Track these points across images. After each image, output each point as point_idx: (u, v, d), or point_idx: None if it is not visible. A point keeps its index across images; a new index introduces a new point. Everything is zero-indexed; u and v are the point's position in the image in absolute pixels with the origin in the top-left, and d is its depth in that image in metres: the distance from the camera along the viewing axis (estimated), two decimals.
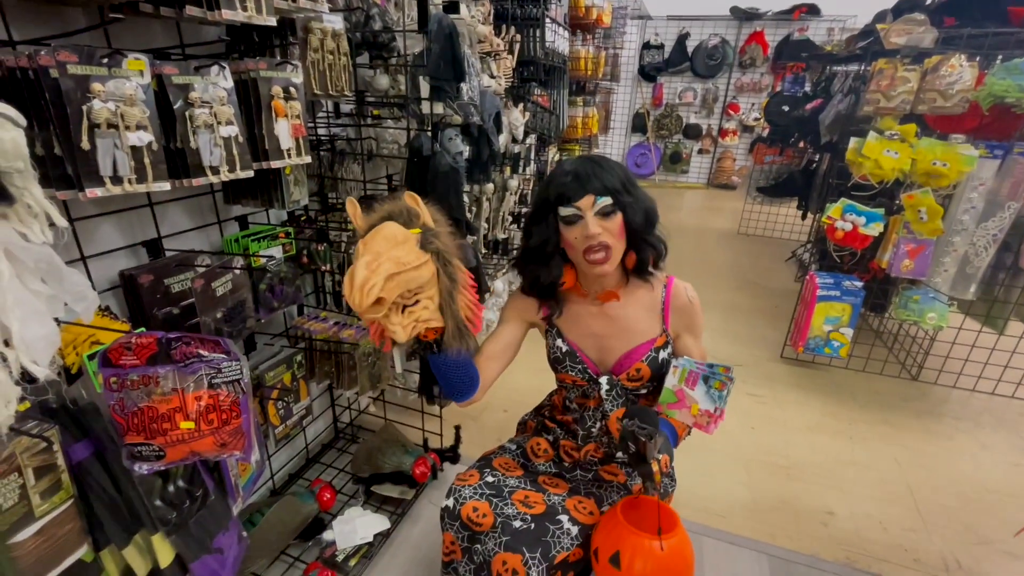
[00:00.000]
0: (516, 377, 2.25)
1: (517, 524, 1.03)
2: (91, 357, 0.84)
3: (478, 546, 1.03)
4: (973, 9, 2.10)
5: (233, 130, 0.91)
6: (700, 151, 7.03)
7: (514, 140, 2.32)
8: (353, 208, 0.86)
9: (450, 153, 1.29)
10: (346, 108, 1.66)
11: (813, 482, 1.79)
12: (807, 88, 4.39)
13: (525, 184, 2.82)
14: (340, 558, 1.35)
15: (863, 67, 3.21)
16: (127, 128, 0.74)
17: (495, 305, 2.32)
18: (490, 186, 2.27)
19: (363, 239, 0.82)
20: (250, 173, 0.96)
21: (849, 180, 2.18)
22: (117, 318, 1.00)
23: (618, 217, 1.00)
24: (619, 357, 1.13)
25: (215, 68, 0.87)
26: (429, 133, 1.30)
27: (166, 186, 0.81)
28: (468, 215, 2.02)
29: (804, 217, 4.19)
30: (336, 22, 1.19)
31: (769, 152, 4.52)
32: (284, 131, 1.01)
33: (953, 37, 1.99)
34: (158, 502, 1.00)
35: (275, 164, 1.01)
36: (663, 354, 1.11)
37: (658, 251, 1.07)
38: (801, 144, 4.24)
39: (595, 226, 0.98)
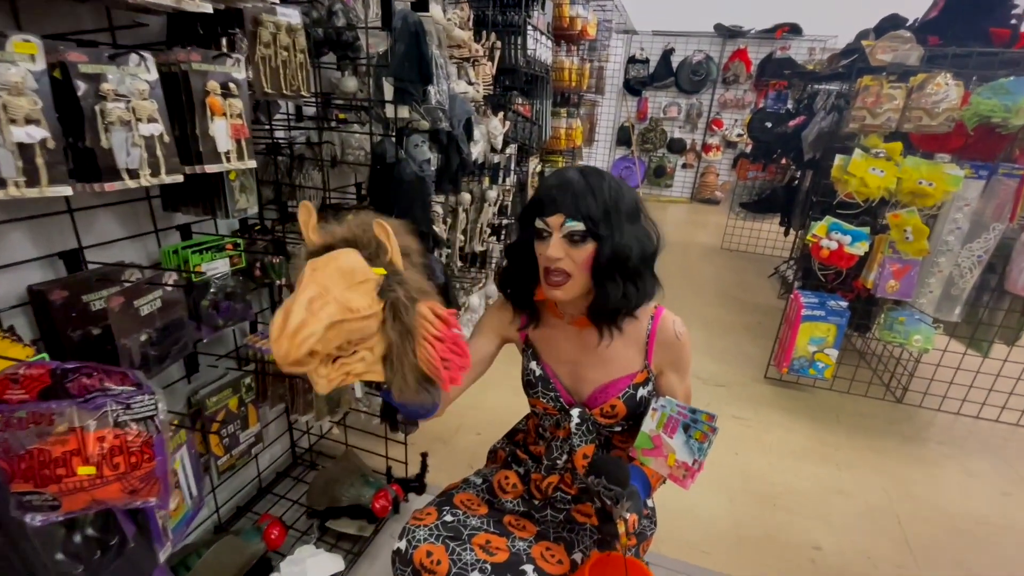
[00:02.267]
0: (491, 396, 2.16)
1: (475, 575, 0.91)
2: None
3: None
4: (956, 29, 2.08)
5: (156, 128, 0.79)
6: (684, 165, 7.05)
7: (493, 149, 2.23)
8: (307, 215, 0.66)
9: (416, 161, 1.19)
10: (312, 111, 1.55)
11: (799, 513, 1.70)
12: (790, 105, 4.40)
13: (505, 195, 2.74)
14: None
15: (847, 85, 3.22)
16: (12, 122, 0.62)
17: (470, 321, 2.21)
18: (467, 196, 2.17)
19: (312, 261, 0.62)
20: (179, 178, 0.84)
21: (834, 198, 2.13)
22: (21, 341, 0.87)
23: (588, 247, 0.89)
24: (594, 389, 1.03)
25: (134, 57, 0.76)
26: (394, 139, 1.20)
27: (66, 190, 0.69)
28: (443, 227, 1.92)
29: (787, 234, 4.18)
30: (292, 16, 1.08)
31: (752, 168, 4.52)
32: (222, 131, 0.89)
33: (938, 56, 1.96)
34: (60, 555, 0.86)
35: (210, 168, 0.89)
36: (642, 392, 1.02)
37: (610, 302, 0.91)
38: (784, 161, 4.25)
39: (558, 249, 0.88)
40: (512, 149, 2.61)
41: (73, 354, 0.93)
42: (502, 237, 2.98)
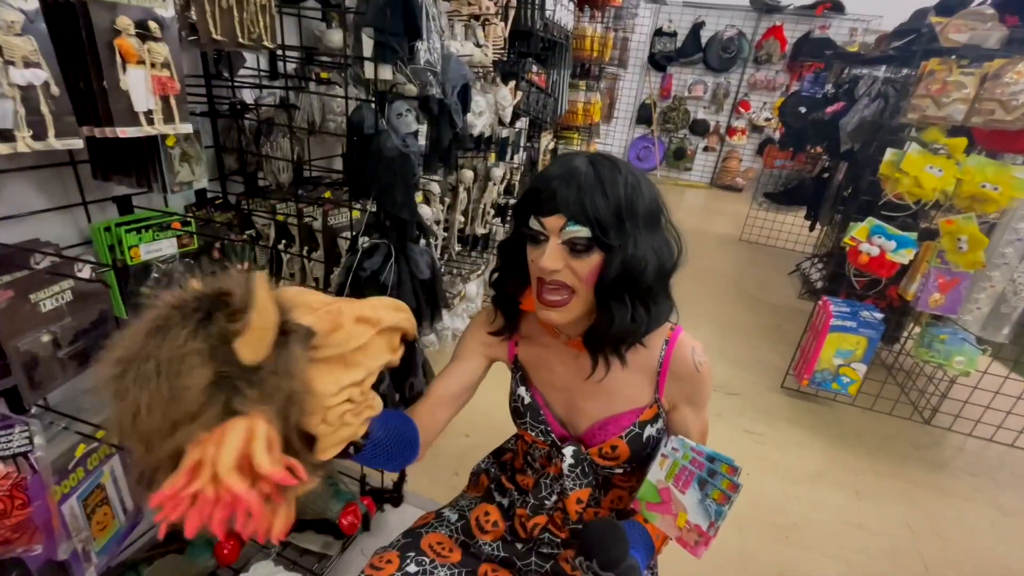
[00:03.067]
0: (484, 396, 1.98)
1: None
2: None
3: None
4: None
5: (39, 75, 0.60)
6: (706, 148, 6.72)
7: (500, 123, 2.01)
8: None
9: (399, 133, 0.98)
10: (291, 67, 1.34)
11: (815, 549, 1.54)
12: (828, 90, 4.07)
13: (513, 173, 2.52)
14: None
15: (899, 70, 2.92)
16: None
17: (466, 311, 2.03)
18: (469, 174, 1.97)
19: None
20: (76, 143, 0.65)
21: (879, 197, 1.90)
22: None
23: (594, 258, 0.70)
24: (592, 424, 0.85)
25: None
26: (374, 105, 0.99)
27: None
28: (439, 207, 1.72)
29: (812, 228, 3.93)
30: None
31: (780, 156, 4.22)
32: (139, 84, 0.70)
33: (1020, 39, 1.69)
34: None
35: (123, 132, 0.70)
36: (650, 430, 0.83)
37: (618, 330, 0.72)
38: (817, 150, 3.95)
39: (555, 259, 0.69)
40: (523, 123, 2.38)
41: None
42: (508, 219, 2.77)
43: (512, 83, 2.15)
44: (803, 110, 3.97)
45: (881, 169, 1.83)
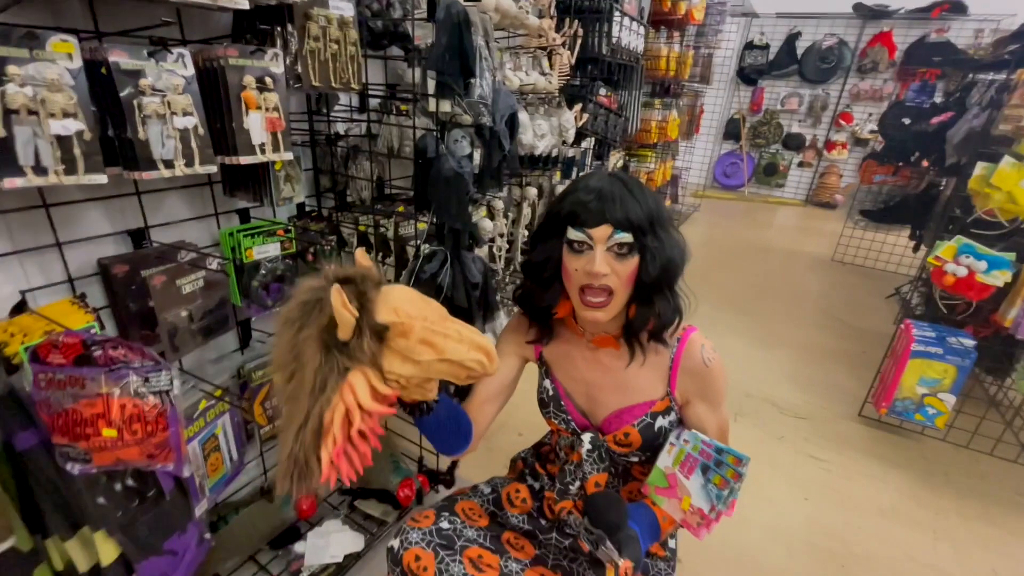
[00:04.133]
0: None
1: None
2: (27, 351, 0.81)
3: None
4: None
5: (191, 121, 0.84)
6: (801, 164, 6.34)
7: (564, 143, 2.15)
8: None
9: (455, 156, 1.16)
10: (375, 102, 1.59)
11: None
12: (938, 99, 3.73)
13: None
14: (305, 575, 1.29)
15: (1008, 75, 2.65)
16: (51, 116, 0.68)
17: None
18: (533, 191, 2.12)
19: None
20: (212, 168, 0.89)
21: (971, 214, 1.77)
22: (85, 308, 0.99)
23: (633, 260, 0.81)
24: (609, 414, 0.95)
25: (172, 54, 0.81)
26: (436, 133, 1.18)
27: (101, 179, 0.76)
28: (503, 220, 1.89)
29: (916, 249, 3.59)
30: (345, 9, 1.10)
31: (880, 171, 3.92)
32: (256, 124, 0.93)
33: None
34: (101, 499, 0.97)
35: (244, 160, 0.93)
36: (662, 421, 0.91)
37: (663, 318, 0.85)
38: (925, 164, 3.62)
39: (603, 264, 0.80)
40: (588, 142, 2.50)
41: (131, 323, 1.04)
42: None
43: (578, 106, 2.28)
44: (907, 121, 3.68)
45: (970, 184, 1.71)
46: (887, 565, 1.51)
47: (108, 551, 1.01)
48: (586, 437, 0.96)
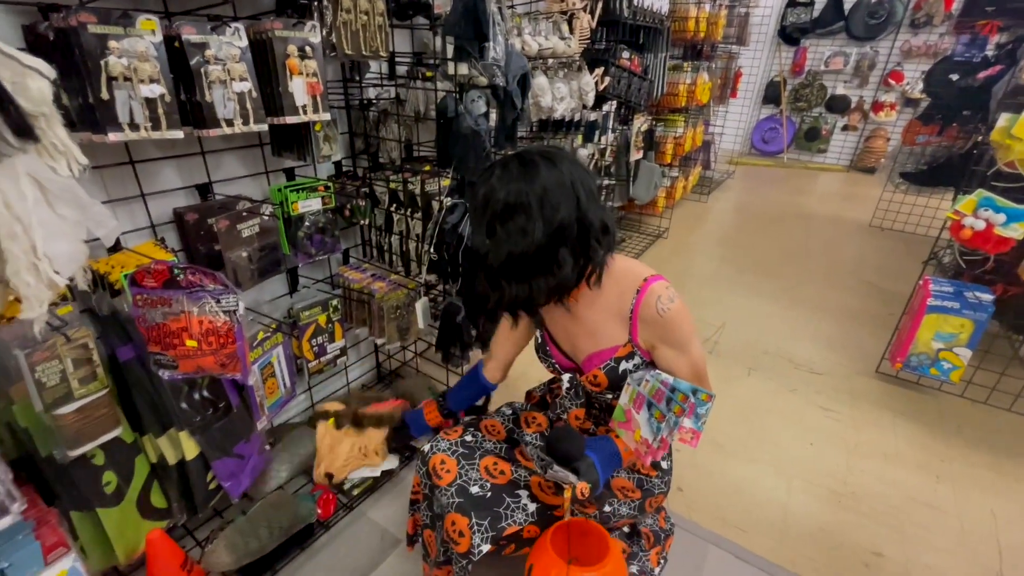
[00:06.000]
0: None
1: (474, 490, 1.05)
2: (127, 277, 1.01)
3: (437, 497, 1.07)
4: None
5: (246, 86, 1.00)
6: (845, 127, 6.07)
7: (584, 106, 2.22)
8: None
9: (472, 115, 1.28)
10: (403, 69, 1.72)
11: (869, 516, 1.55)
12: (989, 52, 3.52)
13: (601, 155, 2.70)
14: (347, 486, 1.50)
15: None
16: (140, 81, 0.85)
17: None
18: None
19: None
20: (263, 127, 1.05)
21: (993, 167, 1.75)
22: (166, 248, 1.19)
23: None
24: (584, 357, 1.09)
25: (230, 28, 0.96)
26: (456, 95, 1.30)
27: (179, 134, 0.93)
28: None
29: None
30: None
31: (924, 131, 3.76)
32: (299, 88, 1.08)
33: None
34: (184, 405, 1.19)
35: (290, 120, 1.09)
36: (626, 365, 1.03)
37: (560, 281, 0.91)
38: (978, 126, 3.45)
39: None
40: (610, 106, 2.55)
41: (200, 262, 1.24)
42: (602, 198, 2.95)
43: (599, 69, 2.34)
44: (954, 77, 3.51)
45: (992, 136, 1.69)
46: (884, 502, 1.60)
47: (191, 448, 1.23)
48: (565, 377, 1.11)
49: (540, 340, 1.17)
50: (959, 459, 1.78)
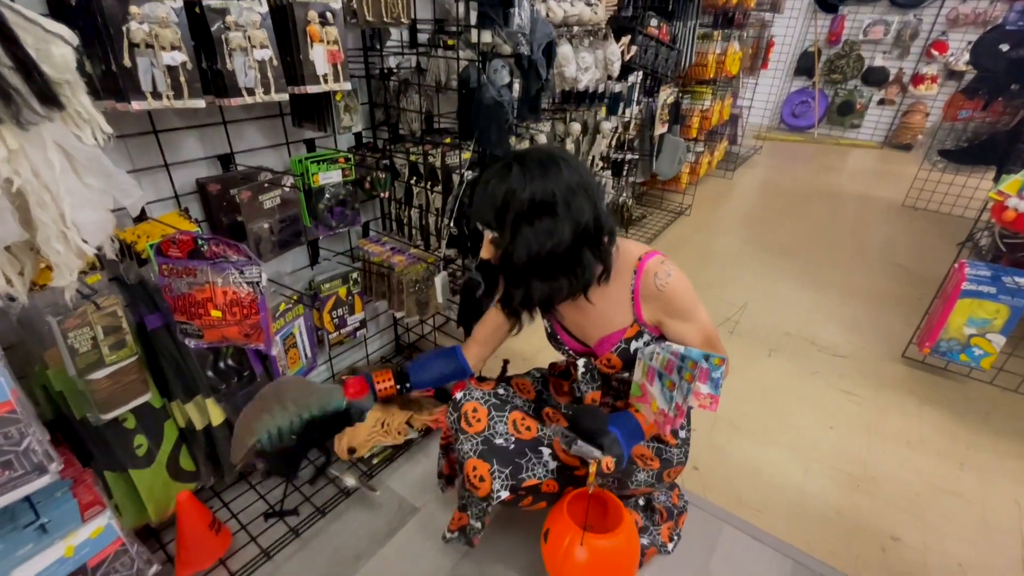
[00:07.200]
0: None
1: (499, 441, 1.06)
2: (152, 247, 1.02)
3: (460, 443, 1.08)
4: None
5: (267, 53, 0.98)
6: (882, 102, 5.80)
7: (609, 77, 2.15)
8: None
9: (495, 85, 1.24)
10: (425, 37, 1.67)
11: (888, 501, 1.53)
12: None
13: (625, 128, 2.63)
14: (366, 455, 1.53)
15: None
16: (162, 48, 0.84)
17: None
18: (576, 126, 2.17)
19: None
20: (284, 96, 1.04)
21: None
22: (190, 218, 1.19)
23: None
24: (596, 342, 1.10)
25: None
26: (479, 64, 1.26)
27: (200, 103, 0.92)
28: None
29: None
30: None
31: (967, 105, 3.57)
32: (320, 56, 1.06)
33: None
34: (210, 373, 1.21)
35: (311, 89, 1.07)
36: (636, 344, 1.04)
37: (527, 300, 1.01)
38: None
39: (486, 250, 1.00)
40: (636, 77, 2.46)
41: (222, 233, 1.25)
42: (624, 173, 2.89)
43: (626, 38, 2.25)
44: (1004, 48, 3.30)
45: None
46: (906, 488, 1.58)
47: (216, 414, 1.26)
48: (580, 362, 1.11)
49: (551, 330, 1.18)
50: (985, 447, 1.74)
